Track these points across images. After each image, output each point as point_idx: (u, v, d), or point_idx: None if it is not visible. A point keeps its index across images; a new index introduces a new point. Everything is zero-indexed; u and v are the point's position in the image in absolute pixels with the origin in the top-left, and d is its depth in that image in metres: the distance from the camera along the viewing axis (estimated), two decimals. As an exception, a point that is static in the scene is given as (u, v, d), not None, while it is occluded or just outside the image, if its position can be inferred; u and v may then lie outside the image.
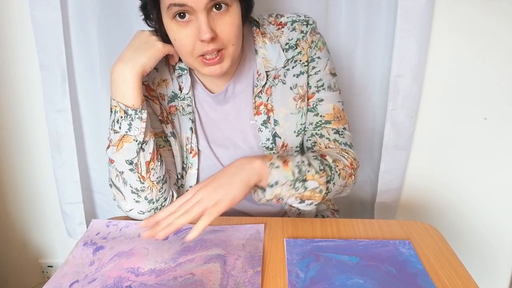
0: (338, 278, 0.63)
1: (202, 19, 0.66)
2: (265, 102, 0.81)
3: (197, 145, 0.84)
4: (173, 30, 0.70)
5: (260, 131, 0.82)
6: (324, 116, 0.83)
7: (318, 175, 0.72)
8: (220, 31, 0.68)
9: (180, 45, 0.70)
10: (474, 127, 1.23)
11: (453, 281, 0.63)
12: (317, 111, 0.83)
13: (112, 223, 0.79)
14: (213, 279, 0.63)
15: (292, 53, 0.80)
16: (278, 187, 0.69)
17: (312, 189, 0.71)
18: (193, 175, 0.85)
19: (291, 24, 0.80)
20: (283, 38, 0.80)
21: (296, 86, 0.81)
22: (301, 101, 0.82)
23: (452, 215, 1.34)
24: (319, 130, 0.83)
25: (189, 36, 0.68)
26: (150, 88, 0.82)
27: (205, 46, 0.68)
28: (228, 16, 0.68)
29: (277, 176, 0.68)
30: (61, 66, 1.14)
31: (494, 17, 1.11)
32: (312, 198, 0.73)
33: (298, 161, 0.71)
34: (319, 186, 0.72)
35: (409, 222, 0.79)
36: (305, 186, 0.71)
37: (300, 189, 0.71)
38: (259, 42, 0.80)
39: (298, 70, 0.81)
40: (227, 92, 0.81)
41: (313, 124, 0.83)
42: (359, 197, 1.35)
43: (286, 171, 0.69)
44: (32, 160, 1.35)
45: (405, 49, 1.10)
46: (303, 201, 0.73)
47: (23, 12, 1.13)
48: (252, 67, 0.81)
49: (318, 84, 0.82)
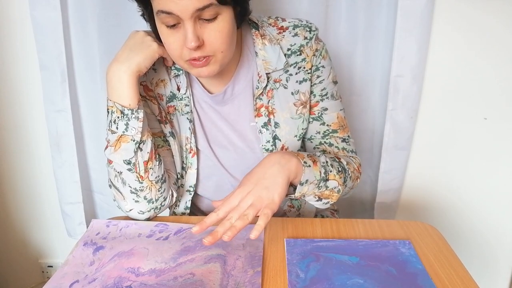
0: (338, 278, 0.63)
1: (189, 27, 0.65)
2: (266, 104, 0.81)
3: (196, 145, 0.84)
4: (163, 34, 0.70)
5: (260, 133, 0.82)
6: (330, 125, 0.85)
7: (338, 175, 0.76)
8: (207, 38, 0.67)
9: (169, 49, 0.71)
10: (474, 127, 1.23)
11: (453, 281, 0.63)
12: (323, 120, 0.85)
13: (112, 223, 0.79)
14: (213, 279, 0.63)
15: (296, 58, 0.80)
16: (306, 185, 0.71)
17: (332, 189, 0.75)
18: (192, 175, 0.85)
19: (293, 29, 0.80)
20: (284, 42, 0.80)
21: (298, 92, 0.82)
22: (302, 107, 0.83)
23: (452, 215, 1.34)
24: (327, 139, 0.85)
25: (177, 42, 0.68)
26: (148, 89, 0.82)
27: (192, 53, 0.68)
28: (216, 24, 0.67)
29: (308, 175, 0.71)
30: (61, 66, 1.14)
31: (494, 17, 1.11)
32: (330, 197, 0.76)
33: (323, 162, 0.75)
34: (338, 186, 0.76)
35: (409, 222, 0.79)
36: (327, 185, 0.74)
37: (322, 188, 0.74)
38: (258, 44, 0.79)
39: (301, 77, 0.81)
40: (225, 94, 0.81)
41: (321, 133, 0.85)
42: (359, 197, 1.35)
43: (315, 170, 0.72)
44: (32, 160, 1.35)
45: (405, 49, 1.10)
46: (320, 200, 0.76)
47: (23, 12, 1.13)
48: (252, 69, 0.81)
49: (322, 93, 0.83)
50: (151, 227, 0.77)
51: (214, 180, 0.87)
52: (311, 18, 1.11)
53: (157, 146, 0.81)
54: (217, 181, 0.87)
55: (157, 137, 0.82)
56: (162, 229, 0.77)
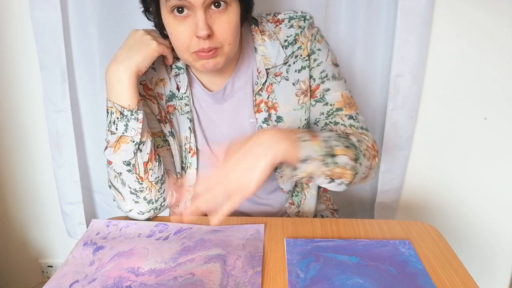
0: (338, 278, 0.63)
1: (200, 15, 0.66)
2: (265, 99, 0.81)
3: (196, 144, 0.84)
4: (171, 24, 0.69)
5: (260, 128, 0.82)
6: (334, 104, 0.80)
7: (346, 150, 0.69)
8: (217, 29, 0.68)
9: (177, 40, 0.70)
10: (474, 127, 1.23)
11: (453, 281, 0.63)
12: (325, 100, 0.81)
13: (112, 223, 0.79)
14: (213, 279, 0.63)
15: (292, 48, 0.80)
16: (310, 162, 0.65)
17: (343, 165, 0.68)
18: (192, 175, 0.85)
19: (289, 21, 0.80)
20: (281, 34, 0.80)
21: (298, 81, 0.81)
22: (303, 96, 0.82)
23: (452, 215, 1.34)
24: (332, 118, 0.80)
25: (186, 32, 0.68)
26: (148, 88, 0.82)
27: (201, 43, 0.68)
28: (226, 15, 0.68)
29: (307, 150, 0.65)
30: (61, 66, 1.14)
31: (494, 16, 1.11)
32: (343, 176, 0.69)
33: (325, 136, 0.69)
34: (350, 162, 0.68)
35: (409, 222, 0.79)
36: (335, 161, 0.67)
37: (330, 164, 0.67)
38: (258, 40, 0.80)
39: (299, 65, 0.81)
40: (225, 91, 0.81)
41: (325, 114, 0.81)
42: (359, 197, 1.35)
43: (315, 145, 0.66)
44: (32, 160, 1.35)
45: (405, 49, 1.10)
46: (333, 180, 0.69)
47: (23, 12, 1.13)
48: (251, 65, 0.81)
49: (322, 75, 0.81)
50: (151, 227, 0.77)
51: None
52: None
53: (156, 146, 0.81)
54: None
55: (157, 137, 0.82)
56: (162, 229, 0.77)
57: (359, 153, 0.71)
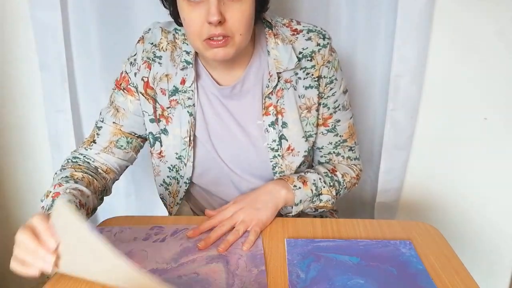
0: (339, 278, 0.63)
1: (213, 1, 0.66)
2: (274, 103, 0.81)
3: (195, 138, 0.84)
4: (184, 9, 0.70)
5: (267, 131, 0.82)
6: (342, 135, 0.89)
7: (330, 190, 0.85)
8: (229, 17, 0.69)
9: (189, 25, 0.71)
10: (474, 127, 1.23)
11: (454, 281, 0.63)
12: (336, 131, 0.88)
13: (105, 229, 0.77)
14: (218, 278, 0.63)
15: (306, 63, 0.81)
16: (301, 204, 0.82)
17: (326, 201, 0.85)
18: (189, 168, 0.86)
19: (307, 33, 0.81)
20: (297, 44, 0.80)
21: (304, 96, 0.82)
22: (306, 111, 0.83)
23: (452, 215, 1.34)
24: (337, 149, 0.90)
25: (198, 17, 0.69)
26: (149, 86, 0.82)
27: (212, 29, 0.68)
28: (239, 4, 0.69)
29: (300, 196, 0.81)
30: (61, 66, 1.14)
31: (494, 17, 1.11)
32: (324, 207, 0.86)
33: (314, 179, 0.83)
34: (331, 199, 0.85)
35: (409, 222, 0.79)
36: (320, 199, 0.84)
37: (316, 201, 0.84)
38: (271, 43, 0.80)
39: (308, 83, 0.82)
40: (234, 89, 0.81)
41: (333, 144, 0.89)
42: (359, 197, 1.36)
43: (306, 189, 0.82)
44: (32, 160, 1.35)
45: (405, 49, 1.10)
46: (316, 210, 0.86)
47: (23, 13, 1.13)
48: (263, 67, 0.81)
49: (335, 105, 0.86)
50: (146, 231, 0.76)
51: (213, 173, 0.88)
52: (312, 18, 1.11)
53: (116, 144, 0.86)
54: (216, 174, 0.88)
55: (122, 137, 0.86)
56: (157, 232, 0.76)
57: (341, 189, 0.87)
